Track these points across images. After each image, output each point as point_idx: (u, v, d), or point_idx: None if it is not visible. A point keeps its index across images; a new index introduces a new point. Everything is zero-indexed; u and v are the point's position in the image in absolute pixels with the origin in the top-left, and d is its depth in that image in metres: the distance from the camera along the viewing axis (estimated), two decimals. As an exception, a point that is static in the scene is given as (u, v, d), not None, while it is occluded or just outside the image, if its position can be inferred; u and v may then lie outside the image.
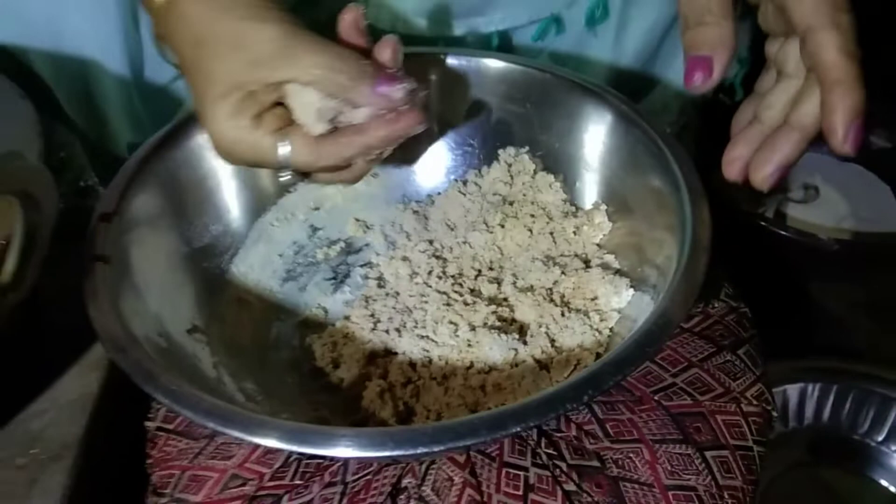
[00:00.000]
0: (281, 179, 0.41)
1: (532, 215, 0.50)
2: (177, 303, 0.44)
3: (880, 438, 0.73)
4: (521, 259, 0.49)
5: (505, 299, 0.46)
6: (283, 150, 0.39)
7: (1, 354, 0.39)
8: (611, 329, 0.43)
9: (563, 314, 0.44)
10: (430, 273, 0.49)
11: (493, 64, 0.52)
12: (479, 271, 0.49)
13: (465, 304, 0.46)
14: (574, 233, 0.49)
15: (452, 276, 0.49)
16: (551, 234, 0.49)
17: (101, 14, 0.54)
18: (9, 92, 0.43)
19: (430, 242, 0.52)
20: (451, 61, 0.52)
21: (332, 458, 0.41)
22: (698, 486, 0.41)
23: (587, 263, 0.47)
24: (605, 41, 0.62)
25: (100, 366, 0.47)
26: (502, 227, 0.50)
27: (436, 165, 0.55)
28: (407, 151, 0.53)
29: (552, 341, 0.43)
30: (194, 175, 0.48)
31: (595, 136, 0.49)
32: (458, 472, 0.41)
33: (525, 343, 0.43)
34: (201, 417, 0.32)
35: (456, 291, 0.47)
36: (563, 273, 0.46)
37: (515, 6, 0.58)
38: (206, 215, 0.48)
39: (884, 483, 0.73)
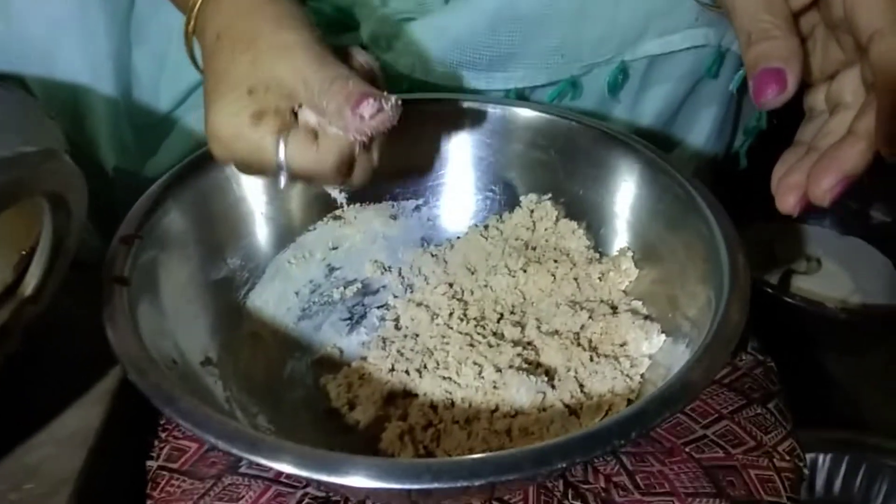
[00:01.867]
0: (280, 182, 0.40)
1: (555, 261, 0.50)
2: (192, 333, 0.42)
3: (895, 512, 0.71)
4: (544, 304, 0.48)
5: (530, 343, 0.45)
6: (280, 149, 0.38)
7: (11, 377, 0.37)
8: (642, 375, 0.42)
9: (591, 359, 0.43)
10: (450, 315, 0.48)
11: (520, 111, 0.52)
12: (502, 315, 0.48)
13: (490, 345, 0.45)
14: (599, 279, 0.48)
15: (474, 319, 0.47)
16: (575, 279, 0.48)
17: (92, 43, 0.56)
18: (36, 112, 0.42)
19: (450, 285, 0.51)
20: (477, 107, 0.52)
21: (354, 494, 0.39)
22: (734, 543, 0.39)
23: (614, 309, 0.46)
24: (624, 104, 0.62)
25: (102, 399, 0.45)
26: (524, 271, 0.49)
27: (456, 210, 0.55)
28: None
29: (581, 386, 0.42)
30: (217, 206, 0.47)
31: (622, 183, 0.49)
32: (481, 522, 0.38)
33: (553, 387, 0.41)
34: (225, 442, 0.30)
35: (479, 333, 0.46)
36: (590, 317, 0.45)
37: (536, 66, 0.59)
38: (225, 247, 0.47)
39: (900, 560, 0.70)
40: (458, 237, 0.54)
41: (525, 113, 0.52)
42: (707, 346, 0.34)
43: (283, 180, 0.40)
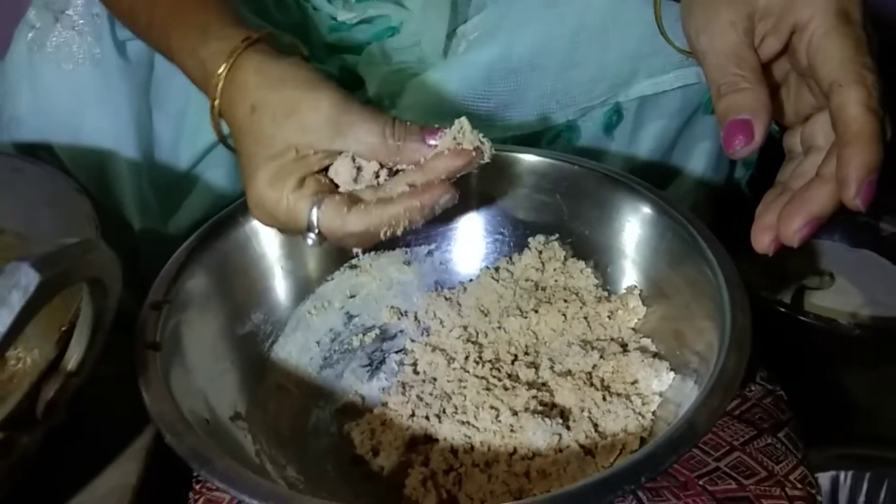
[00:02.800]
0: (308, 242, 0.42)
1: (565, 300, 0.51)
2: (221, 389, 0.45)
3: (920, 528, 0.71)
4: (556, 343, 0.50)
5: (544, 384, 0.47)
6: (315, 212, 0.41)
7: (58, 443, 0.40)
8: (653, 413, 0.43)
9: (604, 398, 0.44)
10: (466, 358, 0.50)
11: (524, 157, 0.54)
12: (516, 356, 0.50)
13: (505, 388, 0.46)
14: (609, 317, 0.50)
15: (489, 361, 0.49)
16: (585, 318, 0.50)
17: (115, 110, 0.59)
18: (66, 187, 0.45)
19: (465, 328, 0.52)
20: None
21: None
22: (751, 574, 0.40)
23: (624, 347, 0.48)
24: (620, 141, 0.64)
25: (138, 456, 0.47)
26: (536, 312, 0.51)
27: (467, 254, 0.57)
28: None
29: (595, 426, 0.43)
30: (239, 265, 0.50)
31: (624, 224, 0.51)
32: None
33: (568, 428, 0.43)
34: (259, 500, 0.32)
35: (494, 376, 0.48)
36: (601, 357, 0.46)
37: (532, 113, 0.62)
38: (249, 303, 0.50)
39: (926, 576, 0.70)
40: (471, 280, 0.56)
41: (529, 158, 0.54)
42: (711, 388, 0.36)
43: (310, 240, 0.42)
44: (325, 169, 0.43)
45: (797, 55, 0.38)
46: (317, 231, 0.42)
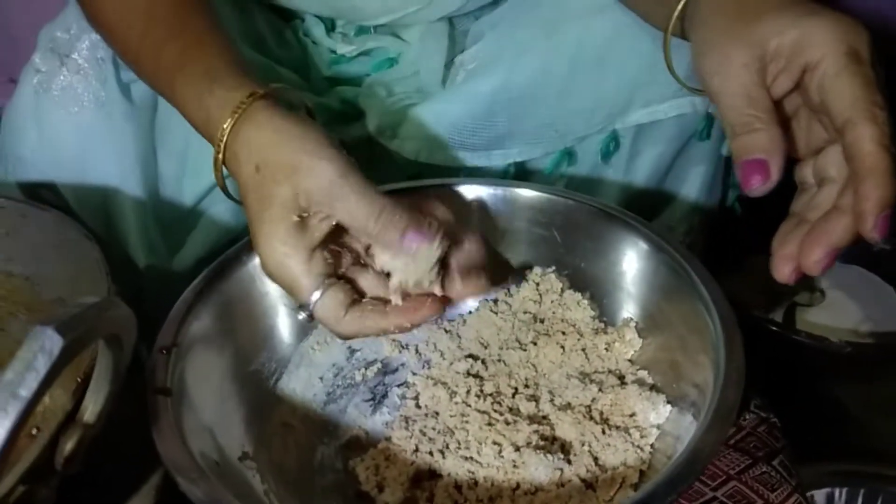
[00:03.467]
0: (298, 316, 0.43)
1: (563, 332, 0.53)
2: (229, 429, 0.46)
3: (914, 544, 0.72)
4: (555, 376, 0.51)
5: (545, 417, 0.48)
6: (315, 296, 0.42)
7: (71, 492, 0.40)
8: (652, 445, 0.45)
9: (603, 432, 0.45)
10: (468, 392, 0.51)
11: (521, 192, 0.55)
12: (516, 389, 0.51)
13: (507, 423, 0.47)
14: (606, 349, 0.51)
15: (490, 395, 0.50)
16: (583, 350, 0.51)
17: (120, 149, 0.60)
18: (75, 233, 0.46)
19: (465, 360, 0.54)
20: (482, 189, 0.56)
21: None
22: None
23: (622, 379, 0.49)
24: (617, 168, 0.66)
25: (149, 495, 0.48)
26: (535, 344, 0.52)
27: (466, 286, 0.58)
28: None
29: (595, 459, 0.44)
30: (244, 304, 0.51)
31: (619, 257, 0.52)
32: None
33: (569, 462, 0.44)
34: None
35: (496, 410, 0.49)
36: (600, 390, 0.48)
37: (531, 142, 0.63)
38: (254, 342, 0.51)
39: (920, 592, 0.71)
40: (470, 312, 0.57)
41: (526, 193, 0.56)
42: (708, 425, 0.37)
43: (300, 315, 0.43)
44: (328, 237, 0.43)
45: (809, 93, 0.39)
46: (310, 312, 0.42)
